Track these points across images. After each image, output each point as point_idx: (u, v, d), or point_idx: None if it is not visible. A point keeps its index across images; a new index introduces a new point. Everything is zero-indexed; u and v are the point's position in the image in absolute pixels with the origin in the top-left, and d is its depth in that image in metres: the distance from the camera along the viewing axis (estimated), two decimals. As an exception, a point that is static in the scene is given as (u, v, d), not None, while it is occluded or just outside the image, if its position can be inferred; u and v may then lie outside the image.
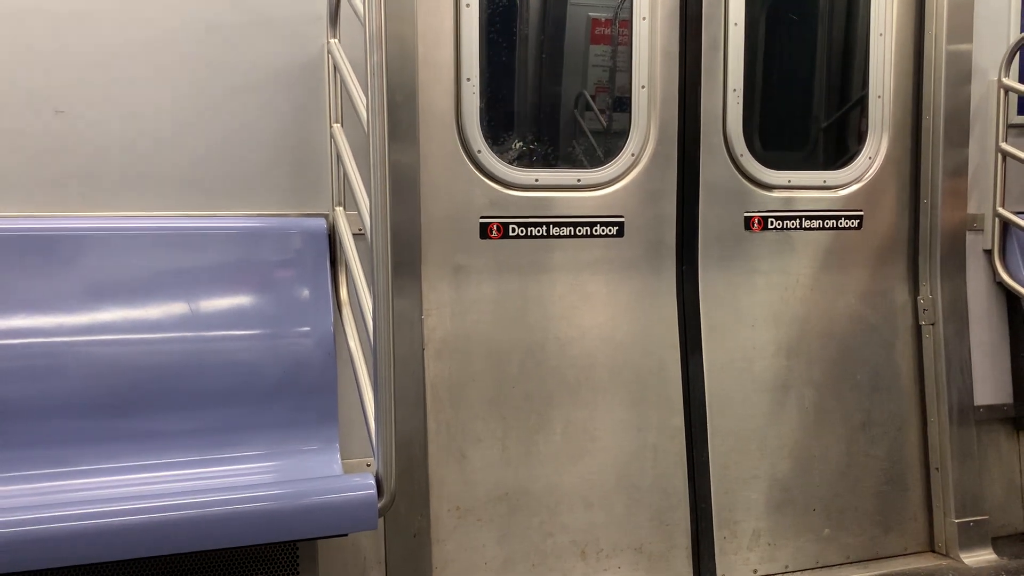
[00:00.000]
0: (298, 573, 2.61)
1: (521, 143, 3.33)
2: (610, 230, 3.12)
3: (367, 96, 2.00)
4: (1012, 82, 3.43)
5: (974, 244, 3.52)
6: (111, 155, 2.60)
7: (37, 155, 2.54)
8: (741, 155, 3.25)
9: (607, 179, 3.13)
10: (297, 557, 2.60)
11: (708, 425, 3.22)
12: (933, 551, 3.48)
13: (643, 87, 3.14)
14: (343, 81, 2.54)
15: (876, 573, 3.32)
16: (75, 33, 2.55)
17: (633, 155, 3.15)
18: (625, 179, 3.15)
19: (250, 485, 2.29)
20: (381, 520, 2.13)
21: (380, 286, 2.00)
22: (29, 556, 1.89)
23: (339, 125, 2.74)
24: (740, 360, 3.27)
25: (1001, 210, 3.48)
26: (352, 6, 2.32)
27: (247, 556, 2.53)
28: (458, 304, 2.97)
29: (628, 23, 3.16)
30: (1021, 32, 3.52)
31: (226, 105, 2.68)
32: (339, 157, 2.66)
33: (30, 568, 1.90)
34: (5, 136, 2.51)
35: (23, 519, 1.92)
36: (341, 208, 2.75)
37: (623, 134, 3.20)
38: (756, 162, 3.27)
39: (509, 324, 3.02)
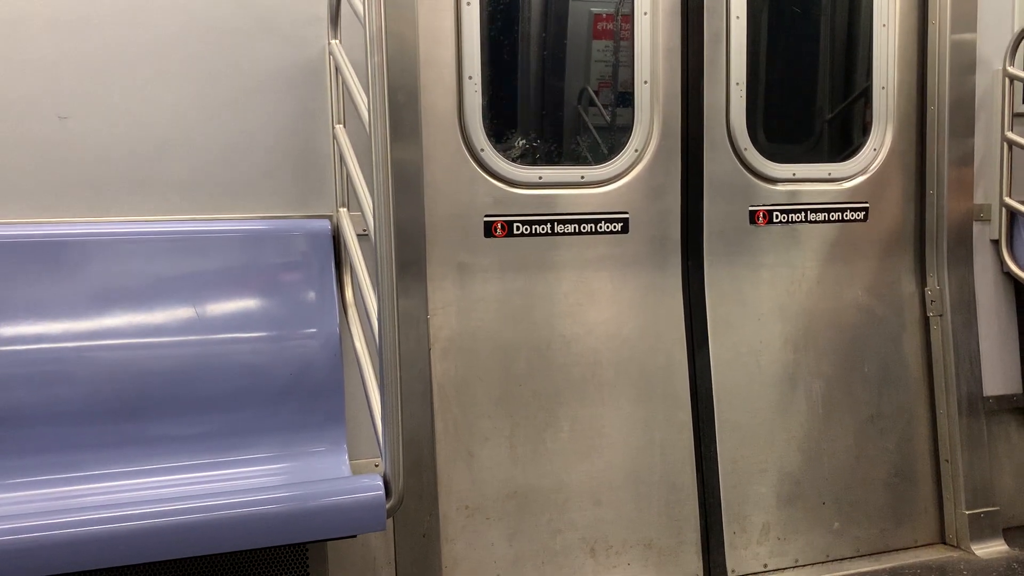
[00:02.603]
0: (308, 575, 2.62)
1: (524, 141, 3.33)
2: (615, 227, 3.12)
3: (369, 96, 2.00)
4: (1017, 71, 3.41)
5: (981, 234, 3.50)
6: (115, 160, 2.60)
7: (42, 161, 2.54)
8: (745, 149, 3.24)
9: (611, 175, 3.13)
10: (307, 559, 2.60)
11: (716, 419, 3.21)
12: (944, 543, 3.47)
13: (645, 82, 3.14)
14: (345, 82, 2.53)
15: (887, 566, 3.31)
16: (78, 38, 2.55)
17: (636, 151, 3.15)
18: (629, 175, 3.14)
19: (259, 488, 2.29)
20: (390, 520, 2.13)
21: (384, 286, 2.00)
22: (39, 562, 1.90)
23: (342, 126, 2.74)
24: (747, 354, 3.26)
25: (1008, 200, 3.46)
26: (352, 7, 2.32)
27: (257, 558, 2.54)
28: (464, 303, 2.97)
29: (630, 18, 3.16)
30: (1026, 20, 3.50)
31: (228, 108, 2.68)
32: (342, 158, 2.66)
33: (40, 574, 1.90)
34: (9, 142, 2.52)
35: (33, 525, 1.92)
36: (345, 209, 2.75)
37: (626, 130, 3.19)
38: (760, 156, 3.27)
39: (515, 322, 3.02)
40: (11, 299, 2.44)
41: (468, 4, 2.92)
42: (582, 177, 3.11)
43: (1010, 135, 3.44)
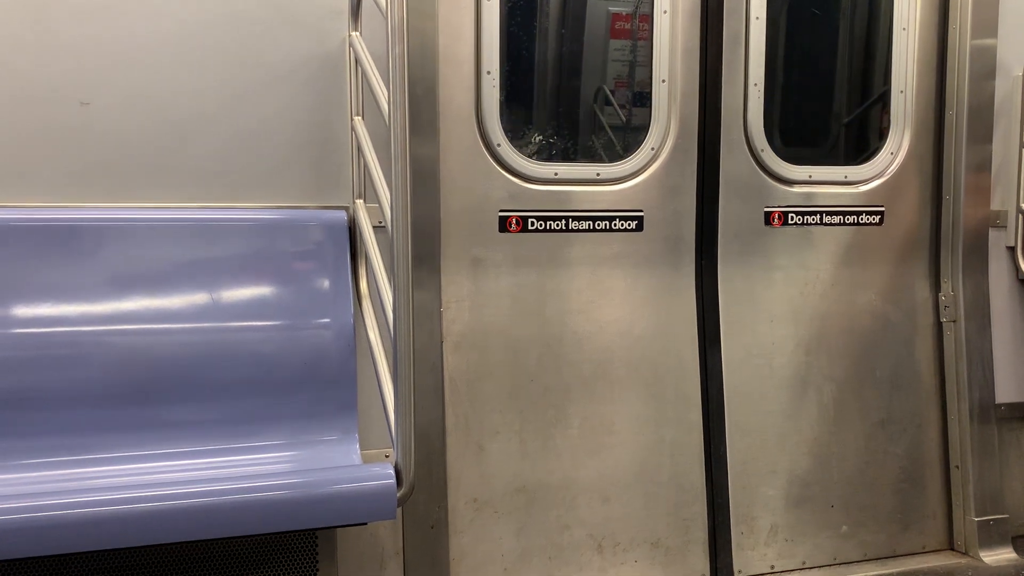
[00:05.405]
0: (317, 562, 2.63)
1: (540, 137, 3.33)
2: (629, 224, 3.12)
3: (388, 89, 2.01)
4: (1037, 77, 3.40)
5: (997, 241, 3.49)
6: (134, 147, 2.62)
7: (62, 146, 2.57)
8: (762, 150, 3.24)
9: (627, 173, 3.13)
10: (316, 546, 2.62)
11: (726, 420, 3.21)
12: (952, 549, 3.46)
13: (663, 81, 3.14)
14: (364, 74, 2.55)
15: (894, 571, 3.31)
16: (100, 25, 2.57)
17: (653, 149, 3.15)
18: (645, 173, 3.14)
19: (270, 474, 2.31)
20: (399, 511, 2.14)
21: (400, 278, 2.01)
22: (51, 540, 1.92)
23: (360, 118, 2.75)
24: (759, 356, 3.26)
25: (1025, 206, 3.45)
26: (374, 0, 2.33)
27: (267, 544, 2.55)
28: (477, 297, 2.98)
29: (648, 17, 3.16)
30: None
31: (248, 98, 2.70)
32: (360, 150, 2.67)
33: (53, 552, 1.93)
34: (30, 127, 2.54)
35: (45, 504, 1.94)
36: (361, 201, 2.76)
37: (641, 130, 3.19)
38: (777, 157, 3.26)
39: (527, 318, 3.03)
40: (29, 282, 2.46)
41: (488, 0, 2.93)
42: (597, 174, 3.11)
43: (1029, 142, 3.42)
